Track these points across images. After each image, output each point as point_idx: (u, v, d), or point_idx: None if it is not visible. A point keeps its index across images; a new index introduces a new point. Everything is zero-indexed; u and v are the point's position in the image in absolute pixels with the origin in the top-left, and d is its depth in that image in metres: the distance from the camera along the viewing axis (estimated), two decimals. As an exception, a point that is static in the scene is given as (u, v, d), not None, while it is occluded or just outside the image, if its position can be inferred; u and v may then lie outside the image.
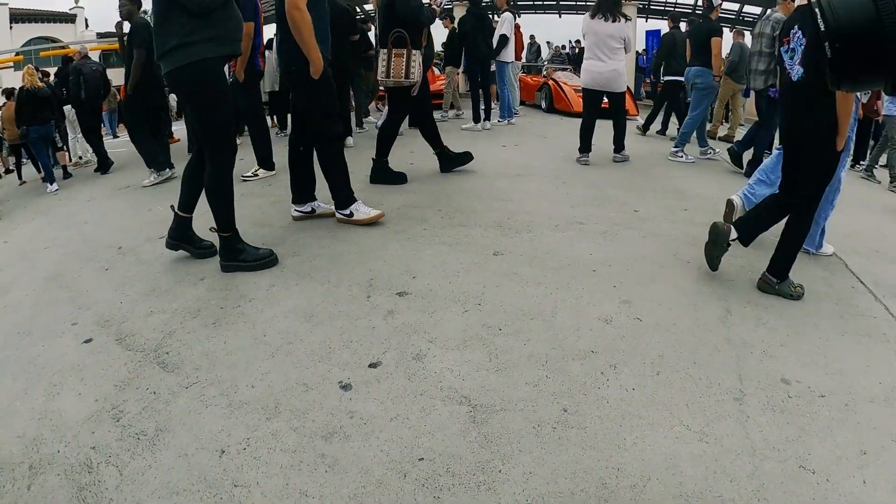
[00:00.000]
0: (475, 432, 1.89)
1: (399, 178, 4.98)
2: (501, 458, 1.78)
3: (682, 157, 6.53)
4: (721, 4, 7.11)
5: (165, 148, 6.55)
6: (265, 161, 5.58)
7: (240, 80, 5.27)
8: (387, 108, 5.26)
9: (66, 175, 8.03)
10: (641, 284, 2.97)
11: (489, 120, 8.64)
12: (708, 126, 9.92)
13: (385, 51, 4.58)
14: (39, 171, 8.12)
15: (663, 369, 2.23)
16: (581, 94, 7.25)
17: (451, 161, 5.31)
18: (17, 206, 6.36)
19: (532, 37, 16.49)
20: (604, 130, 6.26)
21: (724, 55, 6.89)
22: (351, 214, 3.85)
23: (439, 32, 10.76)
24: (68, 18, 28.93)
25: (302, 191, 4.03)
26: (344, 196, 3.86)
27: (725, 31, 7.56)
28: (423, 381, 2.16)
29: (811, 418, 1.99)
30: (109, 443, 1.92)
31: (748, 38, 9.62)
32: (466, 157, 5.36)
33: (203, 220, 3.39)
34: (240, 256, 3.22)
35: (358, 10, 15.24)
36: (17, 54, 21.99)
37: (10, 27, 26.27)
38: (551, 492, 1.66)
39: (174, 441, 1.92)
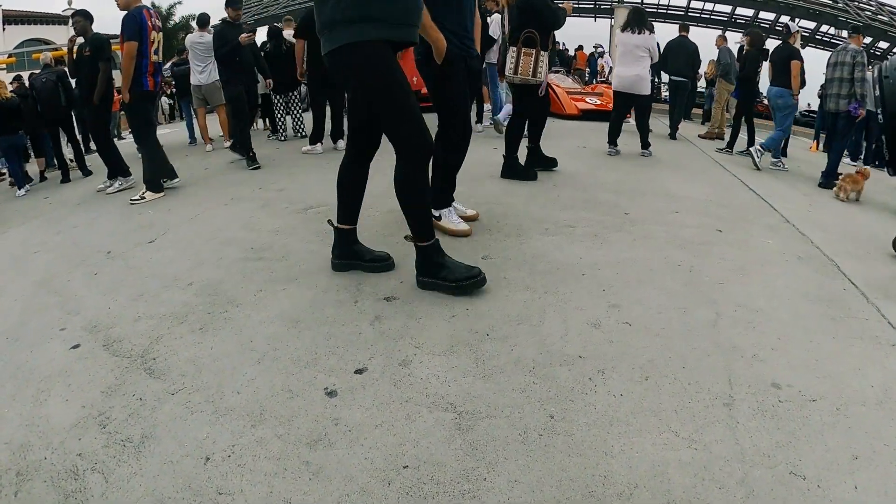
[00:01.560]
0: (460, 439, 1.87)
1: (528, 175, 5.17)
2: (486, 466, 1.76)
3: (780, 166, 7.42)
4: (798, 31, 7.72)
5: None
6: (153, 183, 5.50)
7: (125, 101, 5.34)
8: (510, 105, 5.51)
9: (42, 178, 8.36)
10: (630, 288, 2.96)
11: (481, 122, 8.64)
12: (706, 128, 10.27)
13: (514, 49, 4.78)
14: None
15: (652, 374, 2.22)
16: (574, 97, 7.91)
17: (540, 162, 5.52)
18: (6, 210, 6.33)
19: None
20: (599, 132, 6.29)
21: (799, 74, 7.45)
22: (439, 218, 3.64)
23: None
24: (61, 20, 28.94)
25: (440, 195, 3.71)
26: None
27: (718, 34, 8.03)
28: (409, 388, 2.14)
29: (802, 423, 1.98)
30: (96, 449, 1.92)
31: (731, 43, 10.02)
32: (552, 162, 5.65)
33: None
34: (441, 273, 2.83)
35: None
36: (10, 56, 21.95)
37: (3, 28, 26.27)
38: (536, 500, 1.64)
39: (159, 448, 1.90)
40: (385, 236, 3.68)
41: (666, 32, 26.76)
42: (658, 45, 7.63)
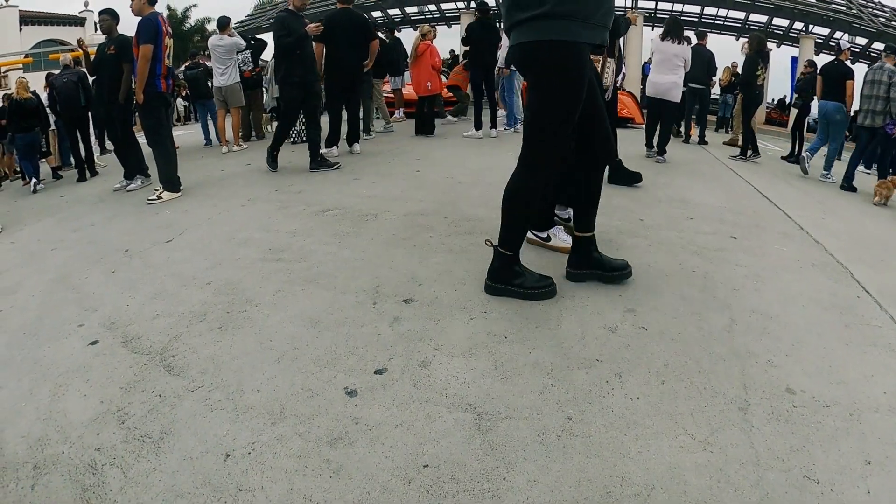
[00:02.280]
0: (480, 440, 1.89)
1: (633, 179, 5.33)
2: (506, 466, 1.78)
3: (830, 178, 7.70)
4: (849, 49, 8.16)
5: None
6: (170, 182, 5.55)
7: (139, 102, 5.42)
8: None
9: (56, 176, 8.57)
10: (647, 293, 2.97)
11: (495, 128, 8.67)
12: (729, 135, 10.51)
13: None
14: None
15: (668, 378, 2.23)
16: None
17: (624, 178, 5.49)
18: (23, 207, 6.39)
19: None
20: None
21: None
22: (547, 238, 3.58)
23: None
24: (78, 21, 29.21)
25: (543, 216, 3.61)
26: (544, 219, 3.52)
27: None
28: (429, 389, 2.16)
29: (816, 428, 1.98)
30: (114, 444, 1.93)
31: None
32: (637, 177, 5.57)
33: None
34: (515, 280, 2.83)
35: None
36: (27, 56, 22.17)
37: (20, 29, 26.51)
38: (555, 500, 1.66)
39: (179, 444, 1.92)
40: (404, 239, 3.71)
41: (678, 39, 26.87)
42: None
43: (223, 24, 8.56)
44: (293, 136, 8.76)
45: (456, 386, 2.17)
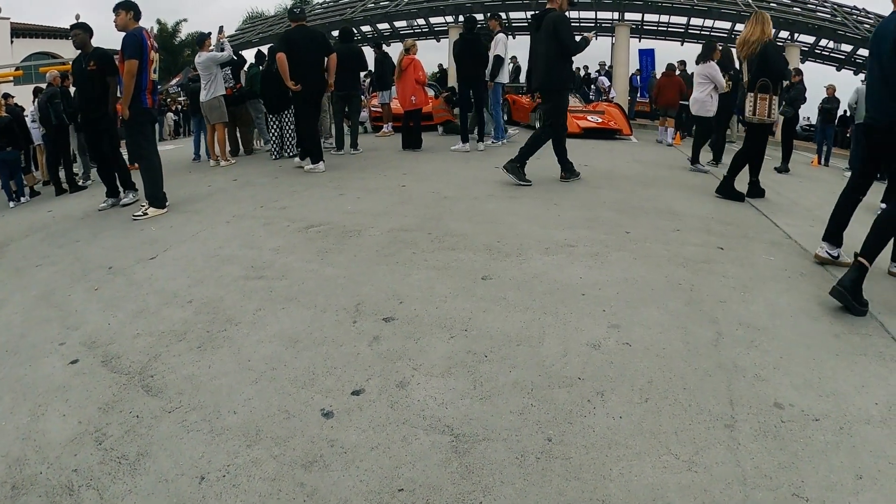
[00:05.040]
0: (457, 462, 1.86)
1: (738, 197, 5.72)
2: (482, 490, 1.74)
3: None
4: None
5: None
6: (156, 198, 5.50)
7: (124, 117, 5.36)
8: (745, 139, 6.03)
9: (34, 193, 8.66)
10: (631, 308, 2.94)
11: (482, 141, 8.68)
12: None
13: (751, 94, 5.43)
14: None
15: (652, 396, 2.20)
16: (575, 115, 8.56)
17: (758, 193, 5.95)
18: (8, 223, 6.35)
19: (514, 58, 16.64)
20: (600, 150, 6.30)
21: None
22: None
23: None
24: (69, 35, 29.21)
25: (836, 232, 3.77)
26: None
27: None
28: (406, 410, 2.13)
29: (805, 443, 1.96)
30: (91, 466, 1.93)
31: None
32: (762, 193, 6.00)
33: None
34: (862, 298, 2.99)
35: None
36: (18, 69, 22.13)
37: (11, 42, 26.52)
38: (533, 525, 1.62)
39: (155, 466, 1.91)
40: (387, 255, 3.68)
41: (666, 49, 27.07)
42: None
43: (200, 41, 8.70)
44: (274, 152, 8.79)
45: (433, 407, 2.14)
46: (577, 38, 5.82)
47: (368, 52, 10.24)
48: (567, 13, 6.15)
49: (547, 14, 5.85)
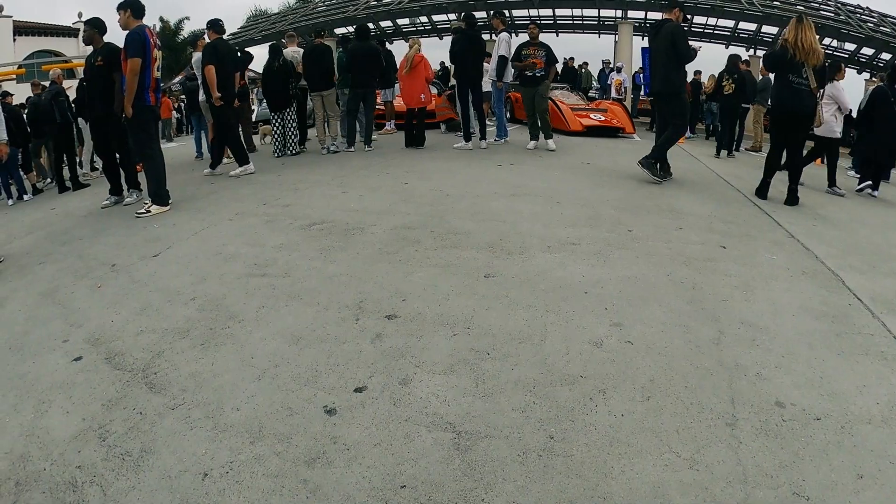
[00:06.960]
0: (459, 459, 1.86)
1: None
2: (484, 487, 1.75)
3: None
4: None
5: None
6: (159, 196, 5.51)
7: (127, 115, 5.36)
8: None
9: (36, 191, 8.71)
10: (633, 306, 2.94)
11: (485, 139, 8.67)
12: (750, 143, 11.40)
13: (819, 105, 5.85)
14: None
15: (653, 394, 2.20)
16: (578, 113, 8.71)
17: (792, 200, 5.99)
18: (15, 219, 6.37)
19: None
20: (603, 148, 6.29)
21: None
22: None
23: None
24: (71, 32, 29.18)
25: None
26: None
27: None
28: (409, 407, 2.14)
29: (806, 442, 1.96)
30: (95, 462, 1.94)
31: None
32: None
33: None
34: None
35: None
36: (20, 67, 22.15)
37: (14, 40, 26.51)
38: (535, 522, 1.63)
39: (158, 462, 1.92)
40: (389, 253, 3.69)
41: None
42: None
43: (193, 41, 8.73)
44: (277, 149, 8.79)
45: (436, 404, 2.15)
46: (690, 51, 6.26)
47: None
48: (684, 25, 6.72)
49: (665, 24, 6.28)
